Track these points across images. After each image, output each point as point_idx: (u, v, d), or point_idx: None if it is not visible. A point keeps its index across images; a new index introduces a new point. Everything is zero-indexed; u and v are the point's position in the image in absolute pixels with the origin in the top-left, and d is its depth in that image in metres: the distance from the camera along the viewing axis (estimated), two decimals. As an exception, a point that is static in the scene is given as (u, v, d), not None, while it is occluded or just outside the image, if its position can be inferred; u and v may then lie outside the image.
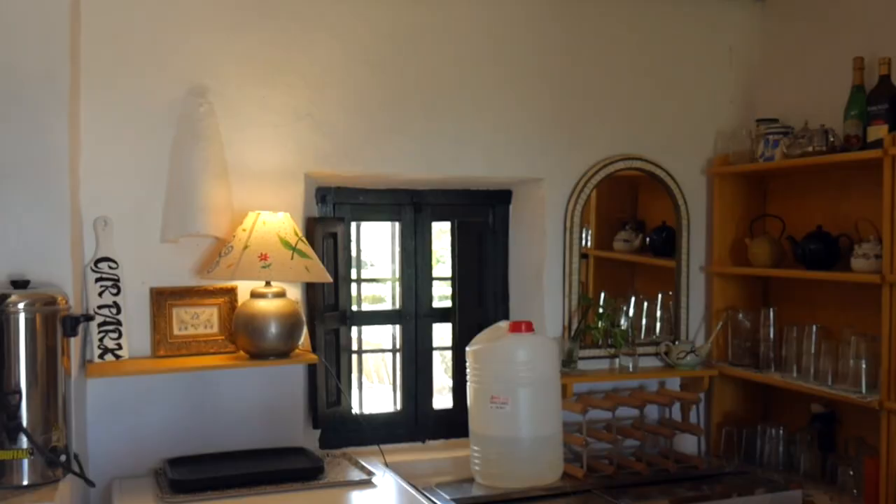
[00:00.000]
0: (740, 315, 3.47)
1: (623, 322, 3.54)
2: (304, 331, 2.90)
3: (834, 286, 3.13)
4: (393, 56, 3.13)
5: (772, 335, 3.34)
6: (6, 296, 2.30)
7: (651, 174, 3.52)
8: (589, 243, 3.77)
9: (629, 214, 3.97)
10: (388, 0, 3.12)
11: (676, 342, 3.51)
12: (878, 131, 2.81)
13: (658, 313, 3.71)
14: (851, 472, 2.97)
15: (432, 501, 2.71)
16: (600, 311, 3.51)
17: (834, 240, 3.10)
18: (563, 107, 3.36)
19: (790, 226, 3.35)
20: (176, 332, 2.87)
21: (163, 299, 2.86)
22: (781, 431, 3.29)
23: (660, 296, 3.73)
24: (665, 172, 3.52)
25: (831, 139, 3.01)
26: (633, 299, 3.79)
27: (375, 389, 3.69)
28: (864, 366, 2.87)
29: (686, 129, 3.56)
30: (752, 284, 3.53)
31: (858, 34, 3.15)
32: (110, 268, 2.80)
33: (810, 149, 3.07)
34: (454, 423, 3.36)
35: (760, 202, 3.55)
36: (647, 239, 3.83)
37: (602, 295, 3.70)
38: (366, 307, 3.48)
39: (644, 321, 3.74)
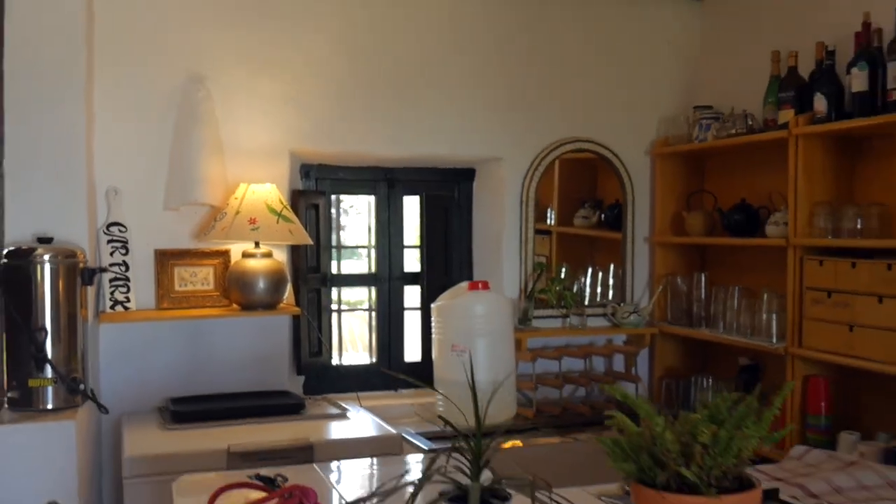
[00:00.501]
0: (678, 280, 3.91)
1: (575, 287, 3.97)
2: (289, 287, 3.33)
3: (754, 251, 3.57)
4: (368, 49, 3.56)
5: (703, 296, 3.78)
6: (33, 249, 2.73)
7: (600, 155, 3.95)
8: (552, 221, 4.22)
9: (588, 194, 4.40)
10: (364, 2, 3.55)
11: (622, 304, 3.94)
12: (787, 115, 3.24)
13: (610, 281, 4.15)
14: (767, 414, 3.40)
15: (398, 432, 3.14)
16: (554, 277, 3.94)
17: (755, 211, 3.53)
18: (520, 94, 3.79)
19: (721, 199, 3.79)
20: (177, 287, 3.30)
21: (165, 259, 3.29)
22: (711, 381, 3.72)
23: (612, 266, 4.16)
24: (612, 153, 3.95)
25: (750, 122, 3.44)
26: (589, 269, 4.23)
27: (353, 354, 4.11)
28: (774, 319, 3.31)
29: (631, 114, 3.99)
30: (689, 252, 3.97)
31: (776, 31, 3.58)
32: (120, 231, 3.22)
33: (734, 131, 3.50)
34: (423, 375, 3.78)
35: (697, 179, 3.99)
36: (603, 215, 4.26)
37: (563, 266, 4.14)
38: (344, 271, 3.90)
39: (599, 289, 4.18)
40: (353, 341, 4.14)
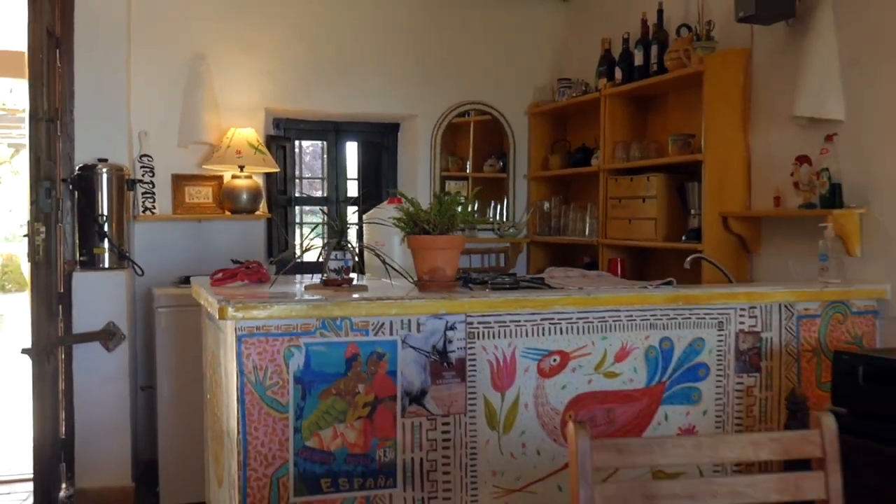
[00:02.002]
0: (545, 204, 5.44)
1: (486, 215, 5.50)
2: (264, 201, 4.85)
3: (587, 177, 5.08)
4: (321, 35, 5.07)
5: (559, 213, 5.31)
6: (95, 165, 4.24)
7: (490, 115, 5.47)
8: (469, 169, 5.74)
9: (495, 148, 5.93)
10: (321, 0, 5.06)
11: (504, 222, 5.47)
12: (602, 83, 4.76)
13: (499, 208, 5.68)
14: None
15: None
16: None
17: (589, 150, 5.05)
18: (431, 68, 5.31)
19: (572, 144, 5.31)
20: (186, 200, 4.82)
21: (179, 180, 4.80)
22: (564, 273, 5.24)
23: (505, 197, 5.69)
24: (499, 113, 5.48)
25: (584, 88, 4.96)
26: (492, 202, 5.75)
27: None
28: (596, 223, 4.84)
29: (514, 84, 5.51)
30: (553, 183, 5.50)
31: (608, 23, 5.09)
32: (148, 160, 4.73)
33: (574, 95, 5.03)
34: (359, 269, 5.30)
35: (559, 131, 5.51)
36: (502, 163, 5.78)
37: (476, 201, 5.65)
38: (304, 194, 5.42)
39: (498, 215, 5.70)
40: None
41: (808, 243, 3.56)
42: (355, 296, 2.69)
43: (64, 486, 4.13)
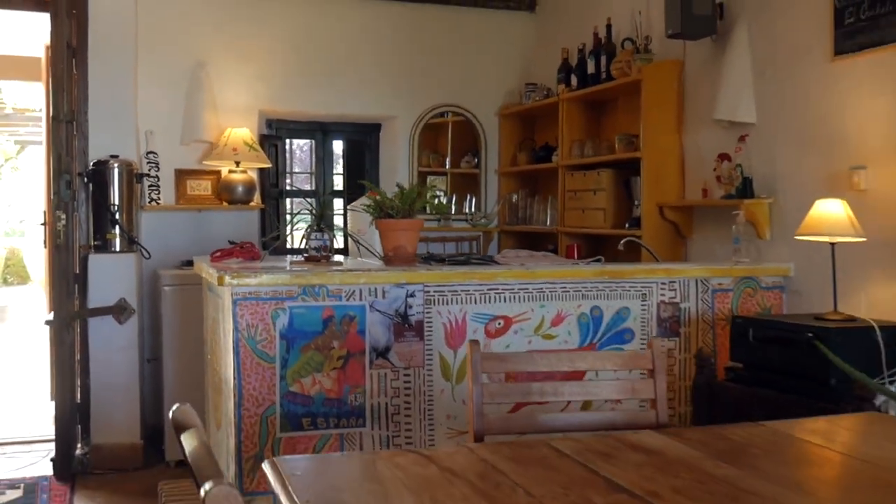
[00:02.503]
0: (513, 196, 5.99)
1: (464, 208, 6.05)
2: (257, 193, 5.39)
3: (549, 173, 5.62)
4: (309, 45, 5.62)
5: (526, 205, 5.87)
6: (108, 161, 4.78)
7: (464, 116, 6.03)
8: (448, 165, 6.30)
9: (471, 147, 6.48)
10: (306, 13, 5.61)
11: (476, 213, 6.03)
12: (560, 88, 5.31)
13: (474, 200, 6.23)
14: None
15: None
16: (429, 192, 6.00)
17: (552, 148, 5.60)
18: (409, 74, 5.85)
19: (538, 143, 5.87)
20: (188, 192, 5.36)
21: (181, 175, 5.35)
22: (529, 259, 5.80)
23: (478, 191, 6.24)
24: (472, 115, 6.03)
25: (546, 93, 5.52)
26: (468, 195, 6.30)
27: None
28: (555, 213, 5.38)
29: (485, 89, 6.06)
30: (521, 178, 6.05)
31: (568, 34, 5.64)
32: (153, 157, 5.27)
33: (538, 98, 5.58)
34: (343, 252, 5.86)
35: (527, 131, 6.07)
36: (477, 159, 6.33)
37: (454, 195, 6.21)
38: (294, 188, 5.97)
39: (473, 207, 6.26)
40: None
41: (730, 229, 4.12)
42: (331, 268, 3.25)
43: (80, 444, 4.67)
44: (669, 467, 1.61)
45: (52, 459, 4.47)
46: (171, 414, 1.50)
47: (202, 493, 1.08)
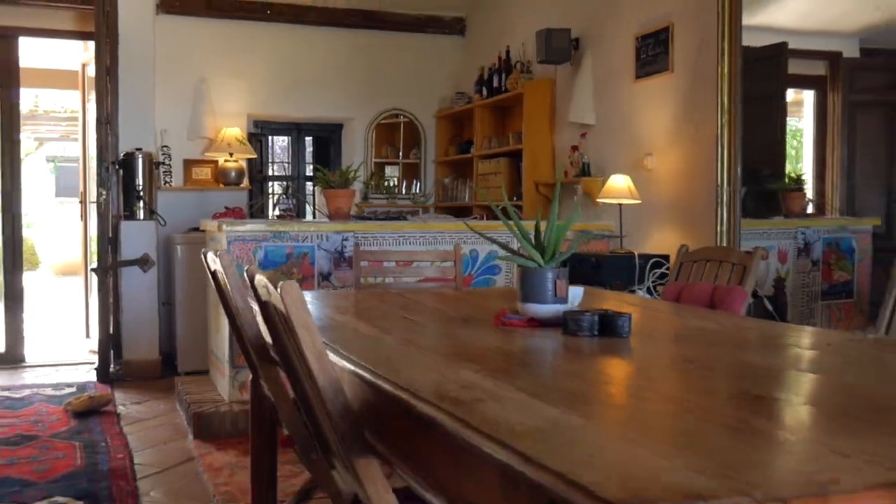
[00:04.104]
0: (445, 180, 7.68)
1: (412, 190, 7.74)
2: (246, 177, 7.08)
3: (469, 161, 7.29)
4: (284, 64, 7.29)
5: (454, 187, 7.56)
6: (134, 153, 6.46)
7: (407, 118, 7.72)
8: (400, 156, 8.00)
9: (416, 140, 8.17)
10: (284, 40, 7.28)
11: (416, 193, 7.71)
12: (476, 97, 6.99)
13: (417, 183, 7.93)
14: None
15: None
16: (384, 181, 7.71)
17: (472, 143, 7.28)
18: (364, 83, 7.53)
19: (464, 138, 7.56)
20: (193, 177, 7.04)
21: (188, 163, 7.03)
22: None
23: (420, 176, 7.93)
24: (414, 117, 7.72)
25: (468, 100, 7.21)
26: (414, 181, 8.00)
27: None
28: (472, 192, 7.08)
29: (424, 95, 7.74)
30: (451, 166, 7.74)
31: (484, 55, 7.31)
32: (167, 149, 6.95)
33: (463, 104, 7.27)
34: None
35: (458, 130, 7.76)
36: (420, 152, 8.02)
37: (405, 180, 7.90)
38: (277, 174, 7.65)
39: (416, 189, 7.96)
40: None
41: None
42: (293, 223, 4.93)
43: (113, 363, 6.34)
44: (446, 299, 3.29)
45: (95, 369, 6.14)
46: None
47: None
